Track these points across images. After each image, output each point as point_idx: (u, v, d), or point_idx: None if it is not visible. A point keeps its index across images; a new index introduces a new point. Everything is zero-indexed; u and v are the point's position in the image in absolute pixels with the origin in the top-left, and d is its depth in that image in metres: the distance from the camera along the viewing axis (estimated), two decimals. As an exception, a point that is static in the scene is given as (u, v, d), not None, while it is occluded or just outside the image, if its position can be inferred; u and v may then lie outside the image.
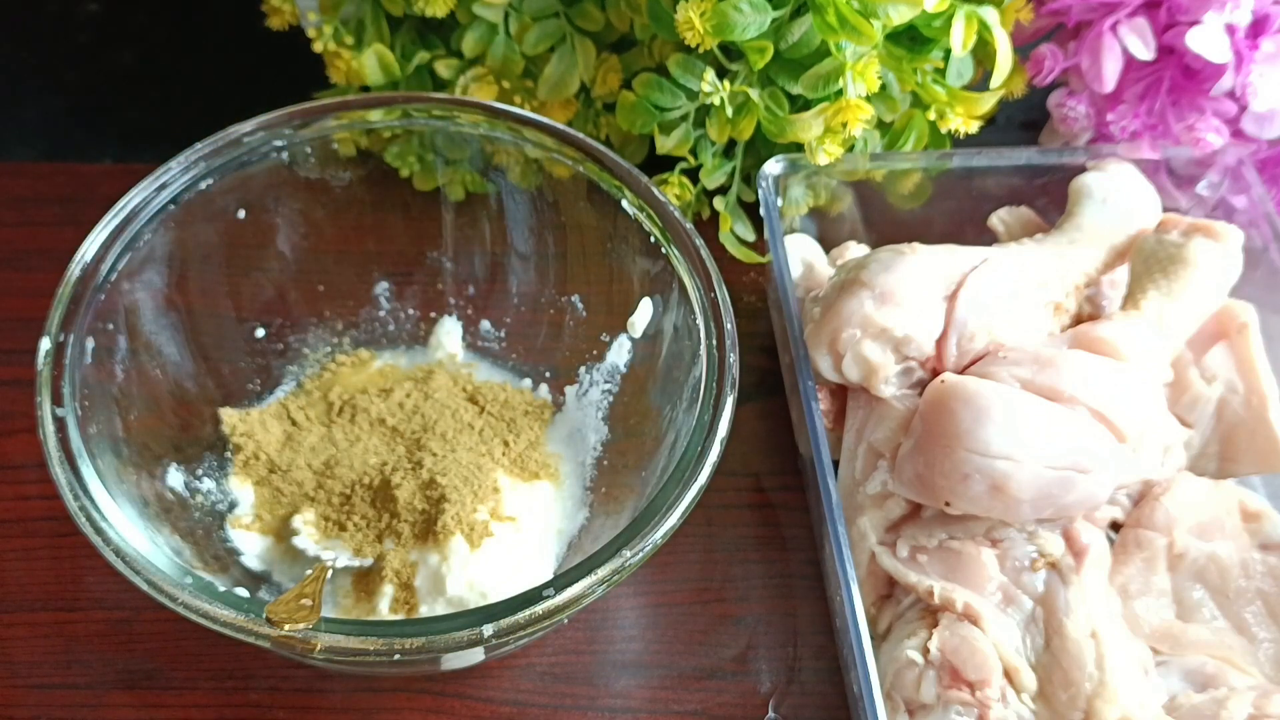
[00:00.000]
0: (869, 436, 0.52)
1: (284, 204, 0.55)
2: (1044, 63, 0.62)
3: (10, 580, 0.54)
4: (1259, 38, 0.57)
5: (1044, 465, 0.47)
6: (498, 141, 0.55)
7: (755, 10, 0.54)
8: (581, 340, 0.58)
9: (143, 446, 0.49)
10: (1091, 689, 0.46)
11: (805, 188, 0.61)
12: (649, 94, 0.58)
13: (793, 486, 0.59)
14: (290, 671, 0.52)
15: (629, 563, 0.42)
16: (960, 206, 0.62)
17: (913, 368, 0.52)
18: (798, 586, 0.56)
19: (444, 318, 0.60)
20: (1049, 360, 0.49)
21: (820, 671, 0.53)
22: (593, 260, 0.56)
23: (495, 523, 0.51)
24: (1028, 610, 0.48)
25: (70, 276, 0.47)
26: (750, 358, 0.56)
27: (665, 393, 0.52)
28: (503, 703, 0.52)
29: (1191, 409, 0.54)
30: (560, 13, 0.61)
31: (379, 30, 0.62)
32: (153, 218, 0.50)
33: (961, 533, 0.50)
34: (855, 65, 0.54)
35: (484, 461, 0.53)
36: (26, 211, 0.67)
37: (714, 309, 0.48)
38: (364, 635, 0.40)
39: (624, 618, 0.54)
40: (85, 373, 0.46)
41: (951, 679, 0.46)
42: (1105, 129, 0.62)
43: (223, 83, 0.75)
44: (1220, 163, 0.61)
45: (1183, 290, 0.53)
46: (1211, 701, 0.46)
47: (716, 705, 0.52)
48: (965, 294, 0.51)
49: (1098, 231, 0.57)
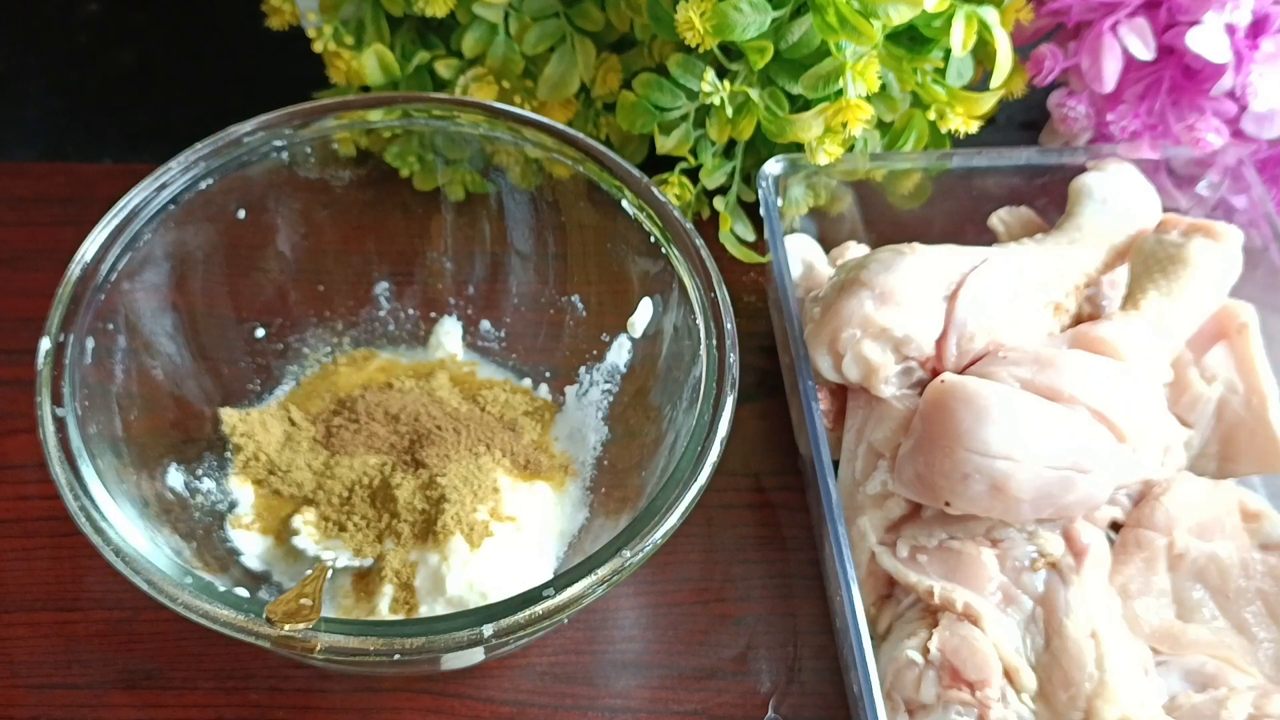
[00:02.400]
0: (869, 436, 0.52)
1: (284, 204, 0.55)
2: (1044, 63, 0.62)
3: (10, 580, 0.54)
4: (1259, 38, 0.57)
5: (1044, 465, 0.47)
6: (498, 141, 0.55)
7: (755, 10, 0.54)
8: (581, 340, 0.58)
9: (143, 446, 0.49)
10: (1091, 689, 0.46)
11: (805, 188, 0.61)
12: (649, 94, 0.58)
13: (793, 486, 0.59)
14: (290, 671, 0.52)
15: (629, 563, 0.42)
16: (960, 206, 0.62)
17: (913, 368, 0.52)
18: (798, 586, 0.56)
19: (444, 318, 0.60)
20: (1049, 360, 0.49)
21: (820, 671, 0.53)
22: (593, 260, 0.56)
23: (495, 523, 0.51)
24: (1028, 610, 0.48)
25: (70, 276, 0.47)
26: (750, 358, 0.56)
27: (665, 393, 0.52)
28: (503, 703, 0.52)
29: (1191, 409, 0.54)
30: (560, 13, 0.61)
31: (379, 30, 0.62)
32: (153, 218, 0.50)
33: (961, 533, 0.50)
34: (855, 65, 0.54)
35: (484, 462, 0.53)
36: (26, 211, 0.67)
37: (714, 309, 0.48)
38: (364, 635, 0.40)
39: (624, 618, 0.54)
40: (85, 373, 0.46)
41: (951, 679, 0.46)
42: (1105, 129, 0.62)
43: (223, 83, 0.75)
44: (1220, 163, 0.61)
45: (1182, 290, 0.53)
46: (1211, 701, 0.46)
47: (716, 705, 0.52)
48: (965, 294, 0.51)
49: (1098, 231, 0.57)
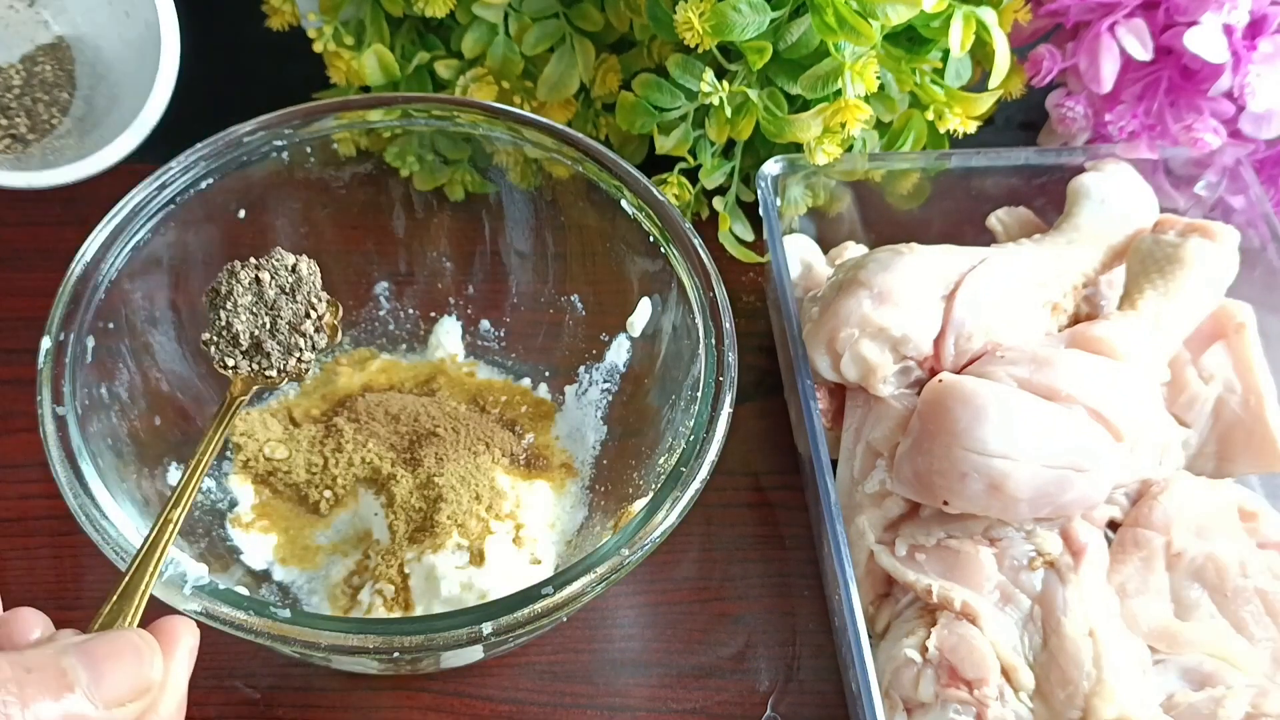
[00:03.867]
0: (867, 435, 0.52)
1: (284, 204, 0.55)
2: (1042, 63, 0.62)
3: (11, 579, 0.54)
4: (1256, 38, 0.57)
5: (1041, 464, 0.47)
6: (497, 141, 0.55)
7: (754, 10, 0.54)
8: (581, 340, 0.58)
9: (143, 445, 0.49)
10: (1089, 687, 0.46)
11: (804, 188, 0.61)
12: (648, 94, 0.58)
13: (791, 485, 0.59)
14: (290, 670, 0.52)
15: (628, 561, 0.42)
16: (958, 207, 0.62)
17: (910, 367, 0.52)
18: (796, 585, 0.56)
19: (444, 318, 0.60)
20: (1046, 360, 0.49)
21: (819, 670, 0.53)
22: (592, 260, 0.57)
23: (494, 521, 0.51)
24: (1025, 609, 0.48)
25: (71, 276, 0.47)
26: (749, 357, 0.56)
27: (664, 392, 0.52)
28: (502, 701, 0.52)
29: (1189, 408, 0.54)
30: (560, 13, 0.61)
31: (379, 30, 0.62)
32: (153, 218, 0.50)
33: (960, 531, 0.50)
34: (854, 65, 0.54)
35: (483, 461, 0.53)
36: (26, 211, 0.67)
37: (713, 308, 0.49)
38: (364, 633, 0.40)
39: (623, 616, 0.55)
40: (86, 372, 0.46)
41: (949, 677, 0.46)
42: (1103, 129, 0.62)
43: (223, 83, 0.75)
44: (1218, 163, 0.61)
45: (1179, 290, 0.53)
46: (1209, 700, 0.46)
47: (715, 704, 0.52)
48: (963, 294, 0.51)
49: (1096, 232, 0.57)
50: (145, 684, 0.32)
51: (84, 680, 0.31)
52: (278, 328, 0.45)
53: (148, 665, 0.32)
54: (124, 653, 0.32)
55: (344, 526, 0.53)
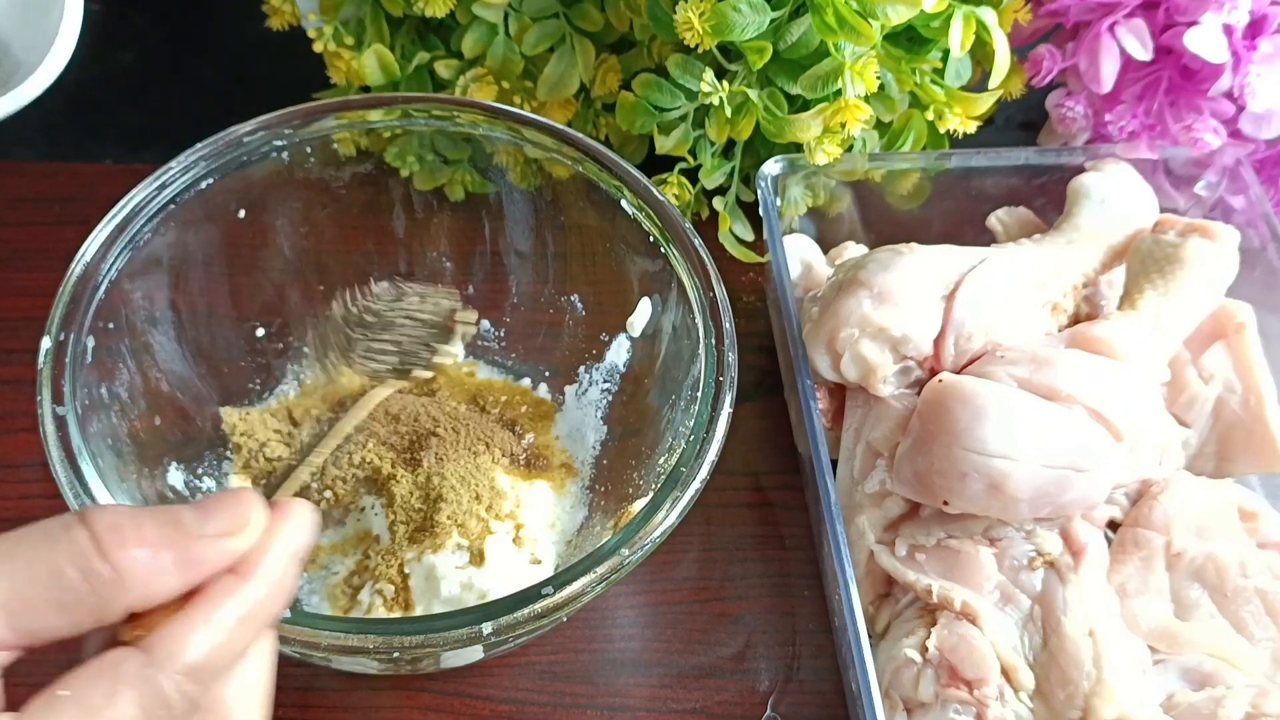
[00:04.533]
0: (867, 435, 0.52)
1: (284, 204, 0.55)
2: (1042, 63, 0.62)
3: (11, 579, 0.54)
4: (1256, 38, 0.57)
5: (1041, 464, 0.47)
6: (497, 141, 0.55)
7: (754, 10, 0.54)
8: (581, 340, 0.58)
9: (143, 445, 0.49)
10: (1089, 687, 0.46)
11: (804, 188, 0.61)
12: (648, 94, 0.58)
13: (791, 485, 0.59)
14: (290, 670, 0.52)
15: (628, 561, 0.42)
16: (958, 207, 0.62)
17: (910, 367, 0.52)
18: (796, 585, 0.56)
19: (444, 317, 0.60)
20: (1046, 359, 0.49)
21: (819, 670, 0.53)
22: (592, 260, 0.57)
23: (494, 521, 0.51)
24: (1026, 609, 0.48)
25: (71, 276, 0.47)
26: (749, 357, 0.56)
27: (664, 392, 0.52)
28: (502, 701, 0.52)
29: (1189, 408, 0.54)
30: (560, 13, 0.61)
31: (379, 30, 0.62)
32: (153, 218, 0.50)
33: (960, 531, 0.50)
34: (854, 65, 0.54)
35: (483, 461, 0.53)
36: (26, 211, 0.67)
37: (713, 308, 0.49)
38: (364, 633, 0.40)
39: (623, 616, 0.55)
40: (86, 372, 0.46)
41: (949, 677, 0.46)
42: (1103, 129, 0.62)
43: (223, 83, 0.75)
44: (1218, 163, 0.61)
45: (1179, 290, 0.53)
46: (1209, 700, 0.46)
47: (715, 703, 0.52)
48: (963, 294, 0.51)
49: (1096, 232, 0.57)
50: (242, 519, 0.32)
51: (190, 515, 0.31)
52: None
53: (247, 504, 0.32)
54: (224, 496, 0.32)
55: (344, 526, 0.53)
